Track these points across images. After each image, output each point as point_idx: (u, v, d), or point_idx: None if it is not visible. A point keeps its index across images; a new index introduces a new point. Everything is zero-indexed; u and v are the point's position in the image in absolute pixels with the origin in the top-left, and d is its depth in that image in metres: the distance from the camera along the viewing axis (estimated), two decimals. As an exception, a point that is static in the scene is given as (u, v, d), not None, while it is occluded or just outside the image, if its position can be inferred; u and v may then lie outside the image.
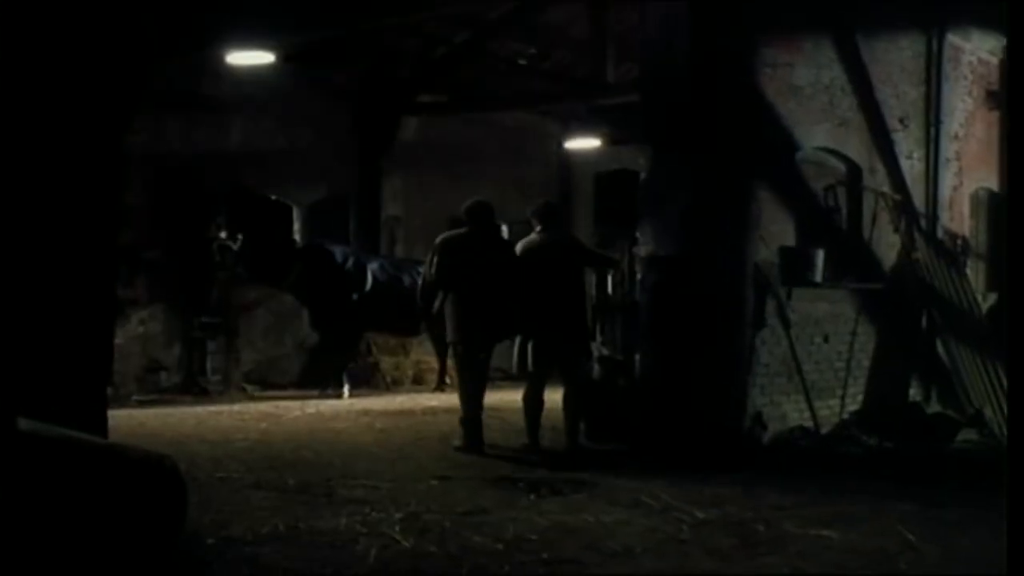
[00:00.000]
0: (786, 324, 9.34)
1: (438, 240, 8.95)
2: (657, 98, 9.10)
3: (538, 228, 8.99)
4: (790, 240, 9.64)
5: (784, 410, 9.39)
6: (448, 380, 12.50)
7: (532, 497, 6.78)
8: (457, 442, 8.72)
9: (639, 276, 9.45)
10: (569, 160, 16.83)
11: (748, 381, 8.98)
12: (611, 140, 14.68)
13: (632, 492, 6.88)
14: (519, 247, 9.01)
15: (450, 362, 11.60)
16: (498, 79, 14.92)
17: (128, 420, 9.84)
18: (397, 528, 5.86)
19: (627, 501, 6.65)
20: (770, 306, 9.20)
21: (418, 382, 13.80)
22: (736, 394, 8.90)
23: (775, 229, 9.43)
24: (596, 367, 9.40)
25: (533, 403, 8.80)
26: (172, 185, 12.51)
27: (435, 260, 8.81)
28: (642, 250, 9.19)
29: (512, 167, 15.93)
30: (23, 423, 4.06)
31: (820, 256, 9.62)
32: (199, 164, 12.70)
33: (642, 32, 9.27)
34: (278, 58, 11.14)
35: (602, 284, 10.74)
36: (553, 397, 8.93)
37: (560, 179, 16.90)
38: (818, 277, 9.61)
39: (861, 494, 7.11)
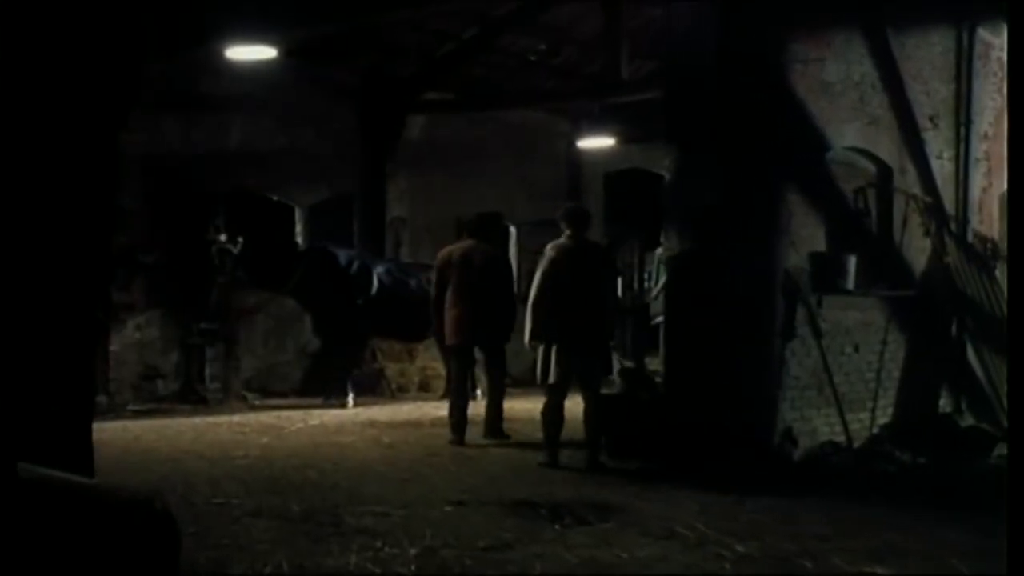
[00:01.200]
0: (817, 334, 8.88)
1: (438, 256, 9.68)
2: (682, 96, 8.67)
3: (567, 232, 8.50)
4: (820, 245, 9.16)
5: (814, 424, 8.92)
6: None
7: (557, 527, 6.26)
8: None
9: (651, 279, 9.02)
10: (579, 159, 16.34)
11: (778, 395, 8.54)
12: (624, 139, 14.19)
13: (664, 520, 6.39)
14: (547, 249, 8.51)
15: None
16: (506, 76, 14.50)
17: (123, 433, 9.49)
18: (413, 567, 5.34)
19: (660, 531, 6.15)
20: (800, 315, 8.74)
21: (424, 389, 13.42)
22: (765, 408, 8.45)
23: (805, 233, 8.96)
24: (618, 380, 8.94)
25: (553, 417, 8.35)
26: (170, 186, 12.15)
27: (434, 277, 9.64)
28: (665, 255, 8.74)
29: (520, 166, 15.49)
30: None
31: (852, 262, 9.16)
32: (198, 164, 12.29)
33: (667, 28, 8.84)
34: (279, 54, 10.68)
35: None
36: (572, 408, 8.47)
37: (569, 179, 16.42)
38: (850, 284, 9.15)
39: (907, 520, 6.64)
